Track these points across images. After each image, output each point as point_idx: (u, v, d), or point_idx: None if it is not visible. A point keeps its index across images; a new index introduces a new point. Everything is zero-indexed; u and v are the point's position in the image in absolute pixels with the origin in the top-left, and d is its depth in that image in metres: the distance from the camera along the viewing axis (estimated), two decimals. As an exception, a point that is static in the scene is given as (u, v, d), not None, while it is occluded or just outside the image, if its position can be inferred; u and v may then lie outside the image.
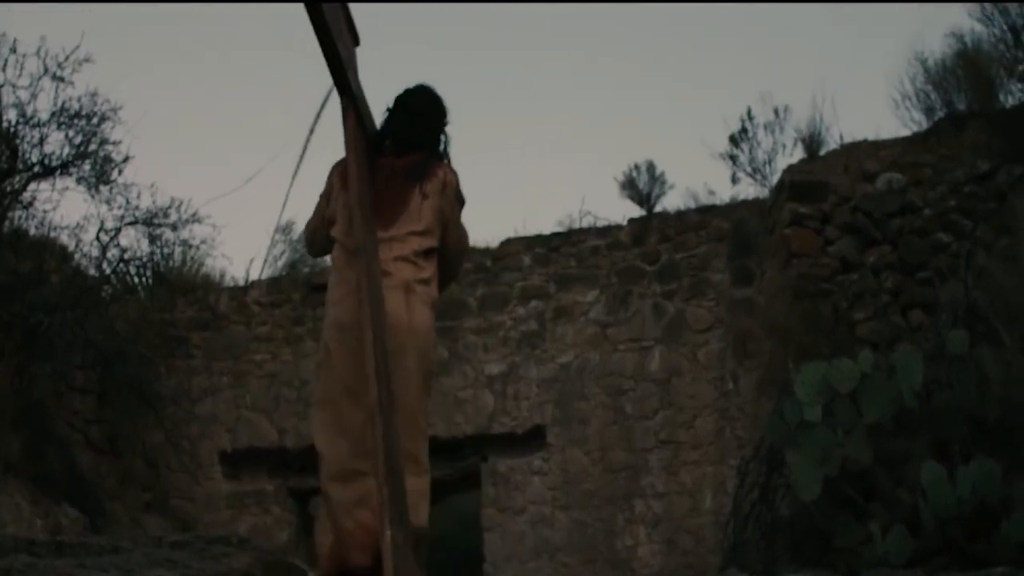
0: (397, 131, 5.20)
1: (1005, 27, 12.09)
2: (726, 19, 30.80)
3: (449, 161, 5.28)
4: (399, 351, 4.78)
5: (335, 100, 5.09)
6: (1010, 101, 11.84)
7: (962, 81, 12.26)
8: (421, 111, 5.25)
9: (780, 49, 29.71)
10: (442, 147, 5.30)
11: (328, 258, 5.34)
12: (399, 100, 5.29)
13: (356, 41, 5.21)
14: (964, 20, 12.13)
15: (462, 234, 5.35)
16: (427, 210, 5.01)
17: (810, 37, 31.20)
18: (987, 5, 12.25)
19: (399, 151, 5.16)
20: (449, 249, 5.22)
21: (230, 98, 33.25)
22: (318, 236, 5.40)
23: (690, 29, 32.39)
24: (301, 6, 4.63)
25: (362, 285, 4.70)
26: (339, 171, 5.17)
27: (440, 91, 5.38)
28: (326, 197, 5.29)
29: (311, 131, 5.32)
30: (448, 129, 5.35)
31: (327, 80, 5.02)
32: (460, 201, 5.27)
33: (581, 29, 32.33)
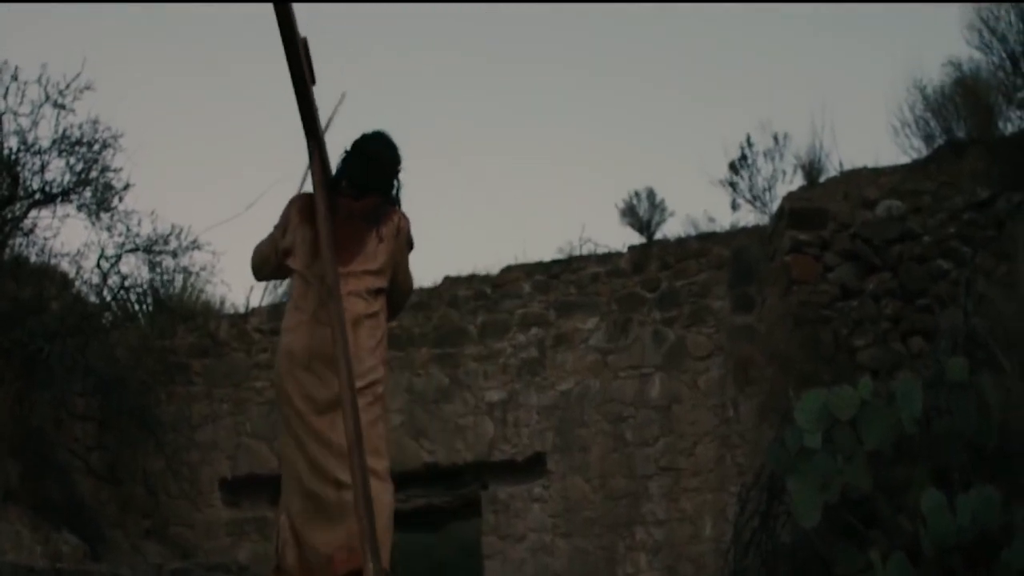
0: (354, 175, 5.50)
1: (1004, 55, 12.13)
2: (725, 46, 30.88)
3: (400, 205, 5.57)
4: None
5: (332, 133, 5.19)
6: (1009, 128, 11.85)
7: (961, 109, 12.28)
8: (377, 157, 5.55)
9: (779, 76, 29.80)
10: (395, 192, 5.59)
11: None
12: (357, 145, 5.58)
13: (313, 80, 5.37)
14: (962, 48, 12.17)
15: (409, 276, 5.69)
16: (382, 252, 5.34)
17: (809, 64, 31.31)
18: (985, 33, 12.26)
19: (355, 193, 5.45)
20: (399, 288, 5.58)
21: (231, 124, 33.36)
22: (269, 264, 5.76)
23: (689, 56, 32.48)
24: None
25: (333, 323, 5.05)
26: (298, 206, 5.49)
27: (396, 138, 5.67)
28: (282, 228, 5.56)
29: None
30: (401, 175, 5.63)
31: (327, 110, 5.12)
32: (410, 245, 5.58)
33: (580, 55, 32.41)
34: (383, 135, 5.62)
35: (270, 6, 4.92)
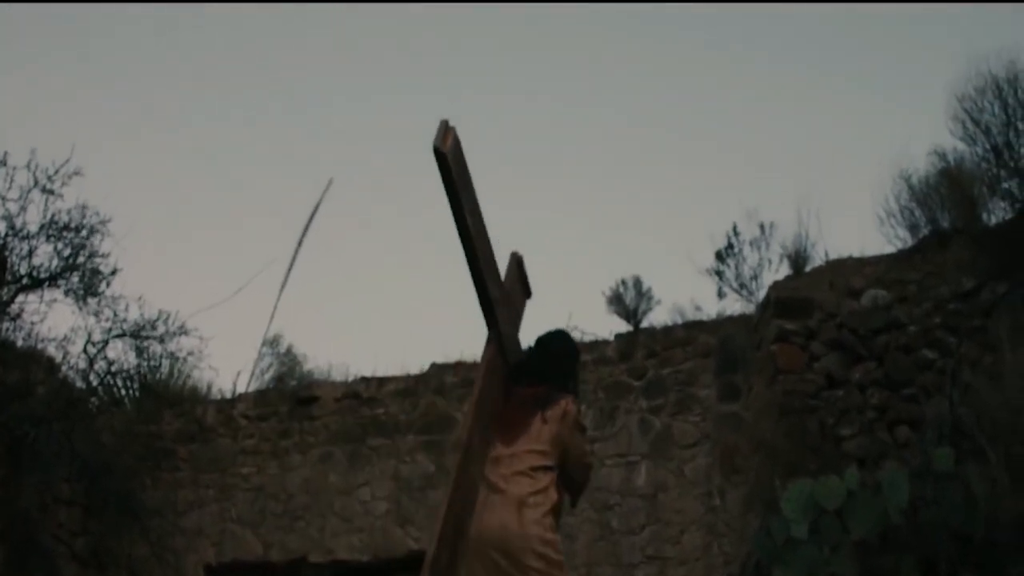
0: (533, 366, 5.97)
1: (988, 146, 12.23)
2: (711, 135, 31.07)
3: (576, 395, 5.99)
4: (516, 554, 5.42)
5: (319, 219, 5.26)
6: (993, 219, 11.94)
7: (946, 199, 12.37)
8: (556, 353, 6.08)
9: (765, 165, 29.94)
10: (570, 384, 6.00)
11: (311, 372, 5.67)
12: (539, 340, 6.13)
13: (528, 294, 6.28)
14: (947, 138, 12.26)
15: (584, 456, 6.03)
16: (546, 433, 5.67)
17: (795, 153, 31.48)
18: (969, 124, 12.38)
19: (532, 383, 5.88)
20: (574, 469, 5.89)
21: (219, 210, 33.43)
22: None
23: (675, 144, 32.66)
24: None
25: (453, 476, 5.48)
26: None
27: (573, 337, 6.34)
28: None
29: (298, 246, 5.43)
30: (577, 369, 6.18)
31: (314, 197, 5.19)
32: (580, 428, 5.94)
33: (566, 142, 32.61)
34: (562, 333, 6.24)
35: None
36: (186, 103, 32.36)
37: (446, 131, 5.18)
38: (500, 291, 5.85)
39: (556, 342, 6.14)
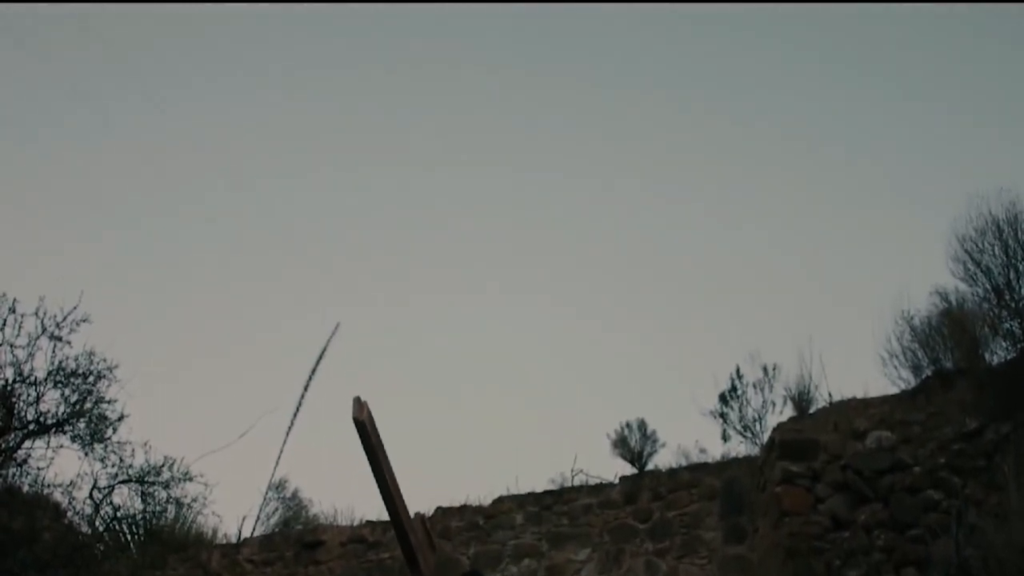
0: None
1: (988, 286, 12.31)
2: (713, 277, 31.28)
3: None
4: None
5: (324, 363, 5.36)
6: (995, 359, 11.97)
7: (948, 339, 12.42)
8: None
9: (768, 307, 30.07)
10: None
11: (317, 516, 5.75)
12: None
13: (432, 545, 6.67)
14: (948, 279, 12.36)
15: None
16: None
17: (798, 296, 31.61)
18: (970, 265, 12.48)
19: None
20: None
21: (225, 355, 33.52)
22: None
23: (678, 287, 32.87)
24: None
25: None
26: None
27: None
28: None
29: (305, 390, 5.50)
30: None
31: (319, 343, 5.29)
32: None
33: (569, 285, 32.82)
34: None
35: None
36: (193, 249, 32.68)
37: (360, 405, 5.58)
38: (417, 537, 6.07)
39: None
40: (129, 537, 14.17)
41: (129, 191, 33.21)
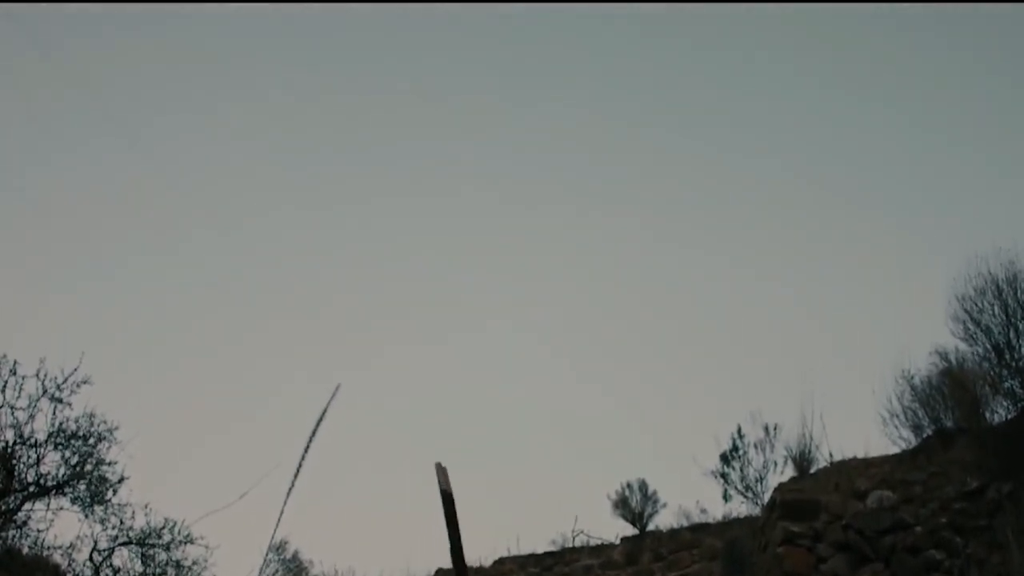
0: None
1: (988, 346, 12.32)
2: (713, 337, 31.32)
3: None
4: None
5: (325, 423, 5.32)
6: (996, 418, 11.97)
7: (949, 399, 12.41)
8: None
9: (769, 367, 30.08)
10: None
11: None
12: None
13: None
14: (948, 338, 12.36)
15: None
16: None
17: (798, 355, 31.61)
18: (970, 324, 12.49)
19: None
20: None
21: (225, 415, 33.51)
22: None
23: (680, 346, 32.88)
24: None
25: None
26: None
27: None
28: None
29: (305, 451, 5.47)
30: None
31: (320, 403, 5.26)
32: None
33: (569, 346, 32.85)
34: None
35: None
36: (194, 311, 32.71)
37: (445, 474, 5.59)
38: None
39: None
40: (129, 599, 14.10)
41: (129, 253, 33.30)
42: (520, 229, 33.04)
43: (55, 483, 12.68)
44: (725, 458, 14.02)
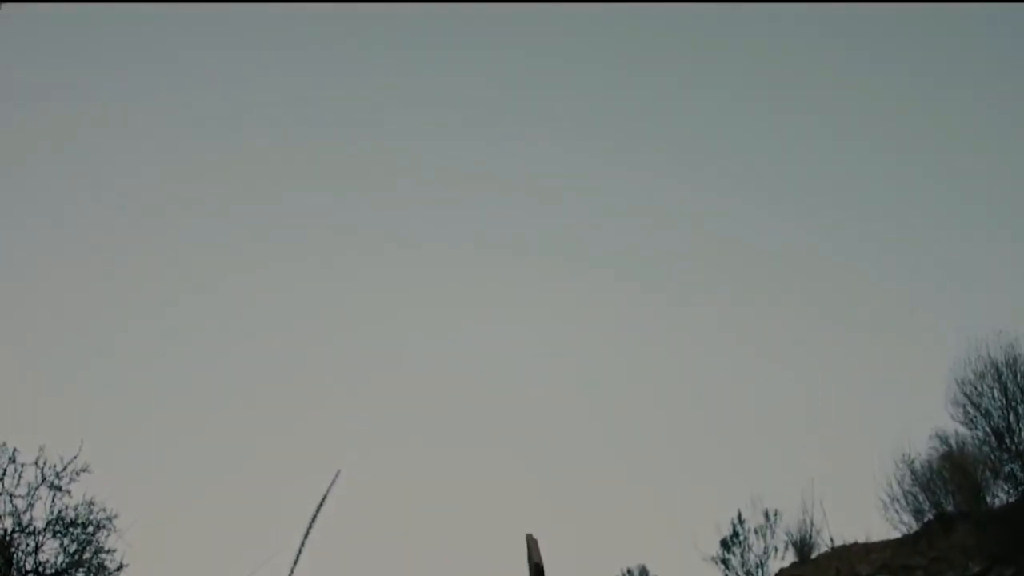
0: None
1: (988, 429, 12.34)
2: (713, 423, 31.29)
3: None
4: None
5: (327, 507, 5.34)
6: (997, 502, 11.96)
7: (949, 483, 12.41)
8: None
9: (769, 452, 30.01)
10: None
11: None
12: None
13: None
14: (948, 422, 12.39)
15: None
16: None
17: (797, 440, 31.56)
18: (969, 408, 12.52)
19: None
20: None
21: (223, 502, 33.38)
22: None
23: (679, 431, 32.84)
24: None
25: None
26: None
27: None
28: None
29: (305, 537, 5.49)
30: None
31: (322, 485, 5.30)
32: None
33: (567, 427, 32.82)
34: None
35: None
36: (193, 397, 32.67)
37: (535, 545, 5.70)
38: None
39: None
40: None
41: (125, 342, 33.32)
42: (510, 331, 33.07)
43: (54, 571, 12.64)
44: (726, 544, 14.00)
